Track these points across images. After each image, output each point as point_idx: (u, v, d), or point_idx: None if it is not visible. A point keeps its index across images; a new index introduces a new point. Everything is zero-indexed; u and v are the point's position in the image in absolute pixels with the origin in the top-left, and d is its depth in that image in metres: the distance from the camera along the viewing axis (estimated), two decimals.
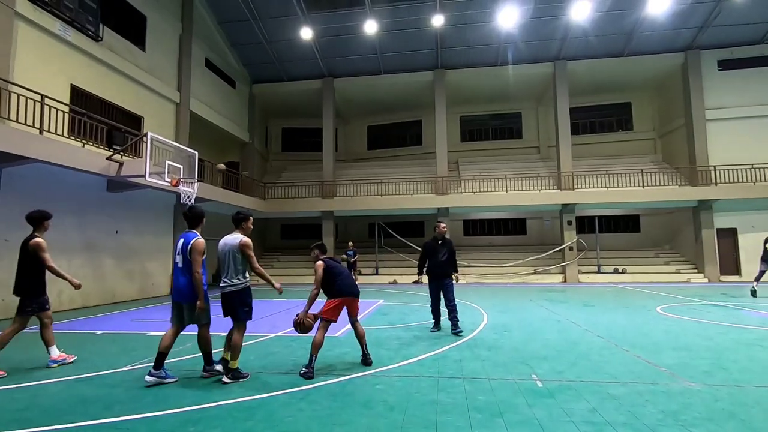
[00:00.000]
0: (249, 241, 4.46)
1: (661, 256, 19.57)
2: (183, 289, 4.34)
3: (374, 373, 4.51)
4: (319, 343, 4.49)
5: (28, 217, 5.00)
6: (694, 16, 17.11)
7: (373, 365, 4.81)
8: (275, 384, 4.15)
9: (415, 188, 19.53)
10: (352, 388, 4.05)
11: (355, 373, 4.52)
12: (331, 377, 4.36)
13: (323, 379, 4.28)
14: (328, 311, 4.65)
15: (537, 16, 17.37)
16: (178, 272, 4.39)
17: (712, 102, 18.31)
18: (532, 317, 8.39)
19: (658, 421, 3.14)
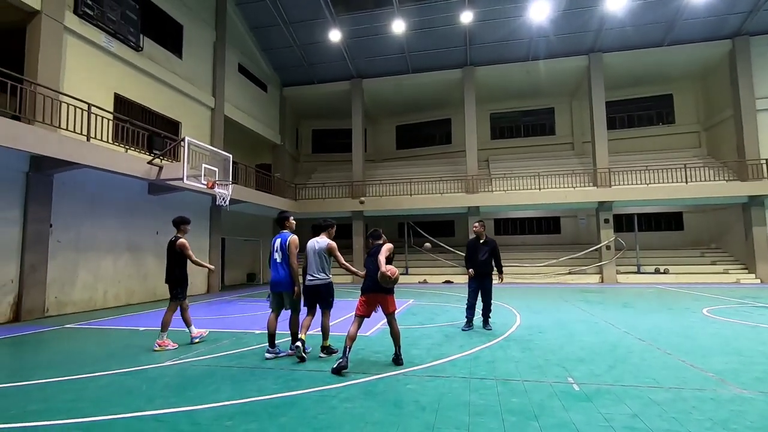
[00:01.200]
0: (335, 244, 5.35)
1: (707, 255, 18.53)
2: (282, 280, 5.19)
3: (405, 373, 4.50)
4: (353, 336, 4.67)
5: (173, 221, 6.16)
6: (741, 1, 16.10)
7: (405, 365, 4.80)
8: (308, 381, 4.22)
9: (444, 187, 19.36)
10: (384, 387, 4.05)
11: (387, 372, 4.52)
12: (363, 376, 4.38)
13: (354, 378, 4.31)
14: (358, 307, 4.90)
15: (570, 8, 16.83)
16: (278, 266, 5.24)
17: (763, 91, 17.17)
18: (567, 318, 8.14)
19: (706, 429, 2.97)
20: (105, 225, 10.87)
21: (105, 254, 10.86)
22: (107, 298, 10.83)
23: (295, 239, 5.35)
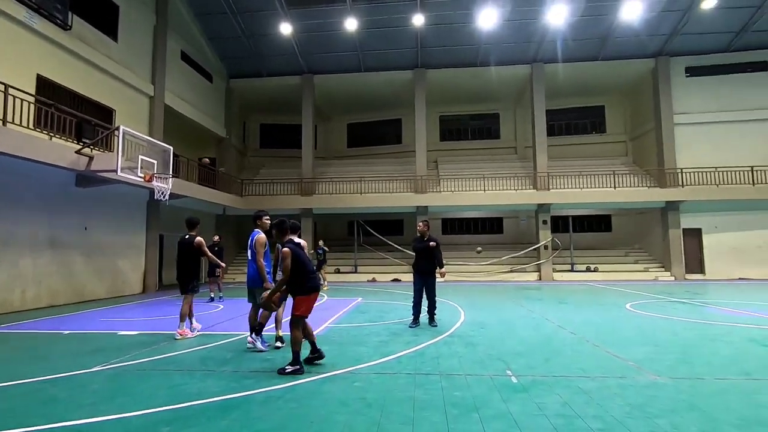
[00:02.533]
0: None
1: (631, 254, 20.25)
2: (250, 276, 5.56)
3: (352, 371, 4.51)
4: (300, 340, 4.51)
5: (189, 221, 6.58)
6: (664, 24, 17.74)
7: (352, 363, 4.81)
8: (251, 383, 4.11)
9: (394, 187, 19.59)
10: (330, 386, 4.04)
11: (334, 371, 4.51)
12: (309, 376, 4.34)
13: (300, 378, 4.25)
14: (305, 309, 4.57)
15: (515, 19, 17.66)
16: (248, 263, 5.62)
17: (680, 107, 19.04)
18: (508, 314, 8.56)
19: (626, 413, 3.26)
20: (23, 219, 9.86)
21: (24, 250, 9.86)
22: (26, 299, 9.84)
23: (262, 237, 5.51)
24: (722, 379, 4.12)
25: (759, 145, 18.34)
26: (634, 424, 3.06)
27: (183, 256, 6.44)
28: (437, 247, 7.21)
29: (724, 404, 3.46)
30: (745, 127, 18.62)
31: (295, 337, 4.48)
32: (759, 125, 18.53)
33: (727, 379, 4.12)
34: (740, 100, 18.75)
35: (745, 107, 18.68)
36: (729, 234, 18.09)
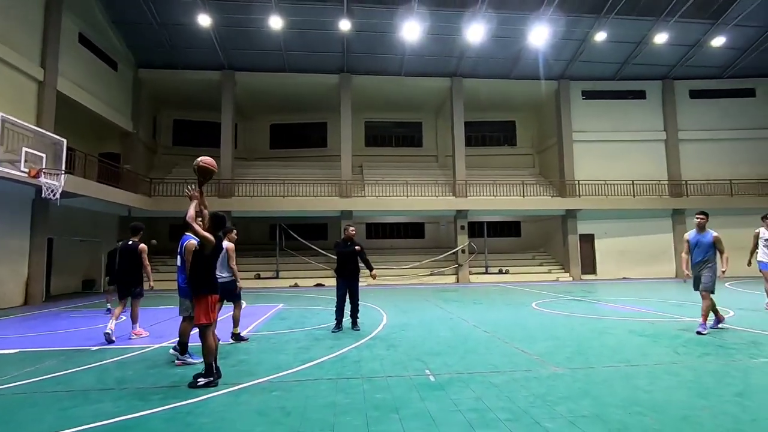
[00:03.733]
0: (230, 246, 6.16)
1: (537, 258, 22.19)
2: (180, 285, 5.13)
3: (271, 380, 4.35)
4: (213, 349, 4.24)
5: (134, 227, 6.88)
6: (565, 51, 19.83)
7: (270, 372, 4.64)
8: (157, 400, 3.78)
9: (319, 190, 19.38)
10: (247, 396, 3.86)
11: (251, 381, 4.32)
12: (224, 388, 4.10)
13: (213, 391, 4.01)
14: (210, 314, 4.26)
15: (437, 33, 18.52)
16: (178, 271, 5.15)
17: (577, 126, 21.36)
18: (428, 316, 8.87)
19: (530, 403, 3.56)
20: None
21: None
22: None
23: (192, 244, 4.81)
24: (609, 367, 4.67)
25: (639, 163, 21.21)
26: (537, 412, 3.35)
27: (127, 262, 6.64)
28: (362, 251, 7.32)
29: (610, 389, 3.92)
30: (628, 147, 21.42)
31: (207, 348, 4.21)
32: (638, 145, 21.45)
33: (612, 367, 4.68)
34: (624, 123, 21.56)
35: (628, 129, 21.52)
36: (616, 239, 20.63)
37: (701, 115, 21.65)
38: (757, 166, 21.29)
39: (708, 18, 18.31)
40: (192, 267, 4.38)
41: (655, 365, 4.71)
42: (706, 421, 3.14)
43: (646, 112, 21.70)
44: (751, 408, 3.39)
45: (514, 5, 17.53)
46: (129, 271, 6.70)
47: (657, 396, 3.70)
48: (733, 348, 5.48)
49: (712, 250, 6.38)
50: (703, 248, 6.41)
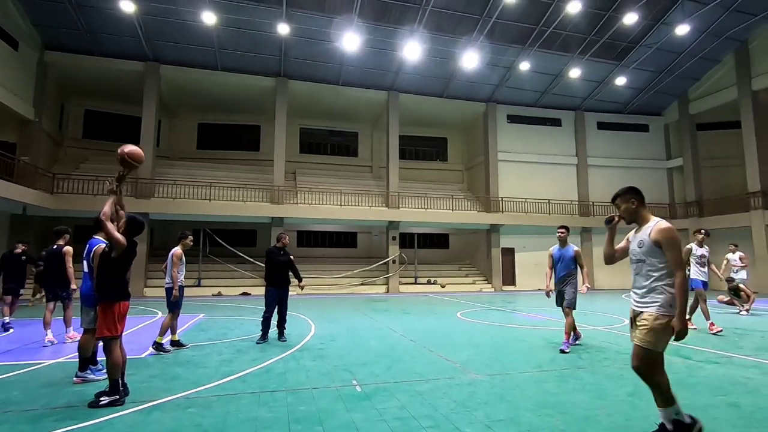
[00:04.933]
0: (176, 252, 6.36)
1: (463, 269, 23.23)
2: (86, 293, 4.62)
3: (187, 396, 4.07)
4: (119, 364, 3.86)
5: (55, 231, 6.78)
6: (492, 76, 21.25)
7: (187, 387, 4.34)
8: (50, 424, 3.35)
9: (249, 195, 18.65)
10: (159, 415, 3.57)
11: (164, 397, 4.00)
12: (132, 406, 3.75)
13: (119, 410, 3.65)
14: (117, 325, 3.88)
15: (376, 47, 18.91)
16: (84, 277, 4.74)
17: (502, 146, 22.89)
18: (357, 326, 8.87)
19: (451, 409, 3.70)
20: None
21: None
22: None
23: (100, 248, 4.30)
24: (523, 373, 5.01)
25: (554, 183, 23.21)
26: (457, 417, 3.49)
27: (54, 267, 6.63)
28: (292, 260, 7.25)
29: (523, 393, 4.20)
30: (545, 168, 23.37)
31: (112, 363, 3.83)
32: (554, 167, 23.48)
33: (526, 372, 5.03)
34: (543, 146, 23.52)
35: (546, 152, 23.50)
36: (533, 253, 22.26)
37: (606, 144, 24.31)
38: (650, 192, 24.24)
39: (613, 59, 20.75)
40: (99, 272, 3.99)
41: (563, 370, 5.14)
42: (603, 419, 3.49)
43: (561, 139, 23.88)
44: (640, 406, 3.82)
45: (449, 29, 18.49)
46: (56, 275, 6.65)
47: (563, 398, 4.03)
48: (628, 353, 6.15)
49: (574, 265, 6.39)
50: (565, 263, 6.39)
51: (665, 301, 2.81)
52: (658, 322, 2.80)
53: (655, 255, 2.87)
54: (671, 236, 2.82)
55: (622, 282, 22.48)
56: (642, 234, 2.98)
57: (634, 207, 3.05)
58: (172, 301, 6.20)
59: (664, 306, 2.81)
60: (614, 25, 18.55)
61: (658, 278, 2.86)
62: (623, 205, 3.10)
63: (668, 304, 2.80)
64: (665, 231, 2.85)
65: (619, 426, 3.36)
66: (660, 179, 24.76)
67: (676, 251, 2.81)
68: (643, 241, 2.95)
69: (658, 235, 2.85)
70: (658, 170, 24.82)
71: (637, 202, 3.06)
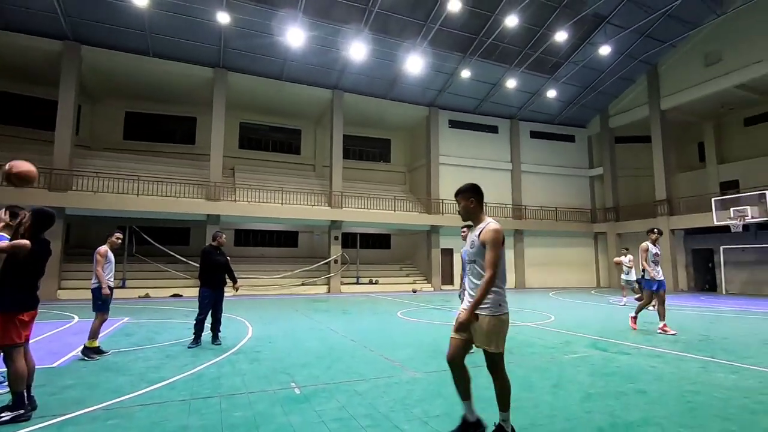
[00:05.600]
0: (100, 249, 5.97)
1: (404, 269, 23.63)
2: None
3: (107, 407, 3.75)
4: (23, 376, 3.44)
5: None
6: (436, 81, 21.86)
7: (108, 397, 3.99)
8: None
9: (182, 191, 17.58)
10: (72, 429, 3.25)
11: (79, 410, 3.65)
12: (41, 421, 3.39)
13: (24, 426, 3.28)
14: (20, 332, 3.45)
15: (320, 44, 18.67)
16: None
17: (443, 150, 23.61)
18: (296, 327, 8.70)
19: (390, 408, 3.75)
20: None
21: None
22: None
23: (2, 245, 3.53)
24: None
25: (491, 188, 24.25)
26: (396, 415, 3.55)
27: None
28: (228, 261, 7.00)
29: None
30: (483, 173, 24.40)
31: (16, 374, 3.40)
32: (491, 172, 24.63)
33: None
34: (481, 152, 24.59)
35: (484, 158, 24.59)
36: None
37: (538, 152, 25.95)
38: (575, 198, 26.38)
39: (545, 73, 22.21)
40: (1, 274, 3.50)
41: None
42: (530, 410, 3.73)
43: (498, 145, 25.13)
44: (562, 395, 4.12)
45: (394, 32, 18.74)
46: None
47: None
48: (553, 347, 6.61)
49: None
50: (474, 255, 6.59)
51: (494, 302, 2.86)
52: (491, 324, 2.86)
53: (483, 256, 2.91)
54: (496, 237, 2.86)
55: (550, 281, 24.16)
56: (473, 235, 3.03)
57: (472, 206, 3.09)
58: (101, 301, 5.84)
59: (494, 306, 2.86)
60: (546, 42, 19.87)
61: None
62: (462, 202, 3.12)
63: (498, 304, 2.86)
64: (492, 232, 2.88)
65: (544, 415, 3.60)
66: (583, 186, 26.90)
67: (495, 252, 2.83)
68: (474, 242, 2.99)
69: (485, 236, 2.89)
70: (582, 178, 26.94)
71: (476, 201, 3.10)
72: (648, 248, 7.83)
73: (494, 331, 2.86)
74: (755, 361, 5.53)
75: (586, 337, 7.51)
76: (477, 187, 3.15)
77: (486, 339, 2.89)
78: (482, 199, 3.14)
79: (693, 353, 6.06)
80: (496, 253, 2.84)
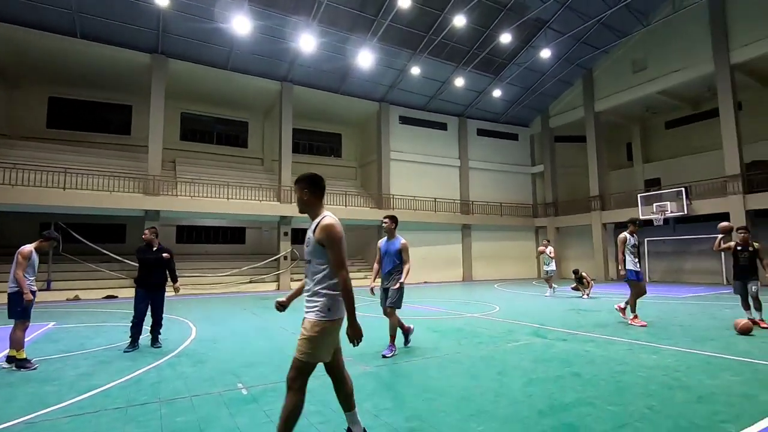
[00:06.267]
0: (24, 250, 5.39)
1: (356, 264, 23.62)
2: None
3: (29, 420, 3.43)
4: None
5: None
6: (386, 77, 21.94)
7: (29, 410, 3.65)
8: None
9: (117, 185, 16.37)
10: None
11: None
12: None
13: None
14: None
15: (269, 34, 18.09)
16: None
17: (394, 146, 23.80)
18: (244, 326, 8.43)
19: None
20: None
21: None
22: None
23: None
24: (408, 362, 5.30)
25: (440, 183, 24.92)
26: None
27: None
28: (171, 258, 6.56)
29: (409, 381, 4.45)
30: (433, 169, 24.95)
31: None
32: (440, 168, 25.20)
33: (410, 361, 5.32)
34: (431, 148, 25.06)
35: (434, 154, 25.09)
36: (420, 248, 23.63)
37: (484, 150, 26.88)
38: (518, 194, 27.67)
39: (491, 73, 23.02)
40: None
41: (444, 356, 5.57)
42: (477, 397, 3.87)
43: (447, 142, 25.73)
44: (506, 382, 4.33)
45: (345, 25, 18.56)
46: None
47: (444, 382, 4.37)
48: (498, 336, 6.91)
49: (400, 259, 5.85)
50: (390, 257, 5.77)
51: (324, 306, 2.58)
52: (316, 329, 2.57)
53: (318, 255, 2.63)
54: (332, 233, 2.58)
55: (495, 273, 25.21)
56: (309, 231, 2.74)
57: (306, 198, 2.79)
58: (20, 307, 5.25)
59: (323, 311, 2.57)
60: (492, 43, 20.58)
61: (320, 281, 2.62)
62: (297, 193, 2.83)
63: (327, 308, 2.58)
64: (326, 228, 2.59)
65: (489, 402, 3.75)
66: (526, 183, 28.28)
67: (337, 250, 2.56)
68: (309, 240, 2.71)
69: (320, 234, 2.61)
70: (524, 175, 28.29)
71: (309, 193, 2.78)
72: (626, 239, 7.59)
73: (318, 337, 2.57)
74: (672, 342, 6.11)
75: (527, 325, 7.93)
76: (313, 177, 2.82)
77: (307, 347, 2.57)
78: (319, 191, 2.83)
79: (620, 337, 6.59)
80: (339, 250, 2.56)
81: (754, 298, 7.15)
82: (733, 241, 7.58)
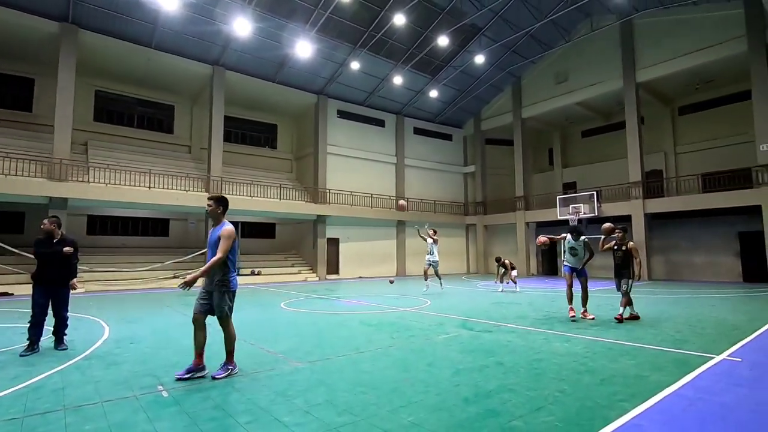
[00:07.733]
0: None
1: (290, 259, 23.09)
2: None
3: None
4: None
5: None
6: (325, 69, 21.61)
7: None
8: None
9: (14, 167, 14.46)
10: None
11: None
12: None
13: None
14: None
15: (199, 14, 16.98)
16: None
17: (331, 140, 23.54)
18: (166, 324, 7.88)
19: (271, 401, 3.65)
20: None
21: None
22: None
23: None
24: (341, 356, 5.30)
25: (377, 179, 25.11)
26: (277, 408, 3.47)
27: None
28: (75, 252, 5.91)
29: (341, 375, 4.45)
30: (370, 165, 25.06)
31: None
32: (377, 164, 25.40)
33: (344, 356, 5.33)
34: (368, 144, 25.16)
35: (371, 150, 25.21)
36: (355, 243, 23.69)
37: (420, 148, 27.54)
38: (451, 192, 28.75)
39: (428, 74, 23.61)
40: None
41: (377, 350, 5.64)
42: (407, 389, 3.98)
43: (384, 139, 25.98)
44: (435, 372, 4.49)
45: (283, 13, 17.96)
46: None
47: (376, 375, 4.43)
48: (428, 329, 7.15)
49: None
50: (213, 248, 4.45)
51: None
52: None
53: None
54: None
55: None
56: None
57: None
58: None
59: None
60: (430, 44, 21.10)
61: None
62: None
63: None
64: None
65: (419, 392, 3.88)
66: (458, 182, 29.46)
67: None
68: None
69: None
70: (457, 174, 29.45)
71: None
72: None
73: None
74: (581, 331, 6.74)
75: (456, 318, 8.29)
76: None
77: None
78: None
79: (538, 327, 7.14)
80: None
81: (622, 294, 7.86)
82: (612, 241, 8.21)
